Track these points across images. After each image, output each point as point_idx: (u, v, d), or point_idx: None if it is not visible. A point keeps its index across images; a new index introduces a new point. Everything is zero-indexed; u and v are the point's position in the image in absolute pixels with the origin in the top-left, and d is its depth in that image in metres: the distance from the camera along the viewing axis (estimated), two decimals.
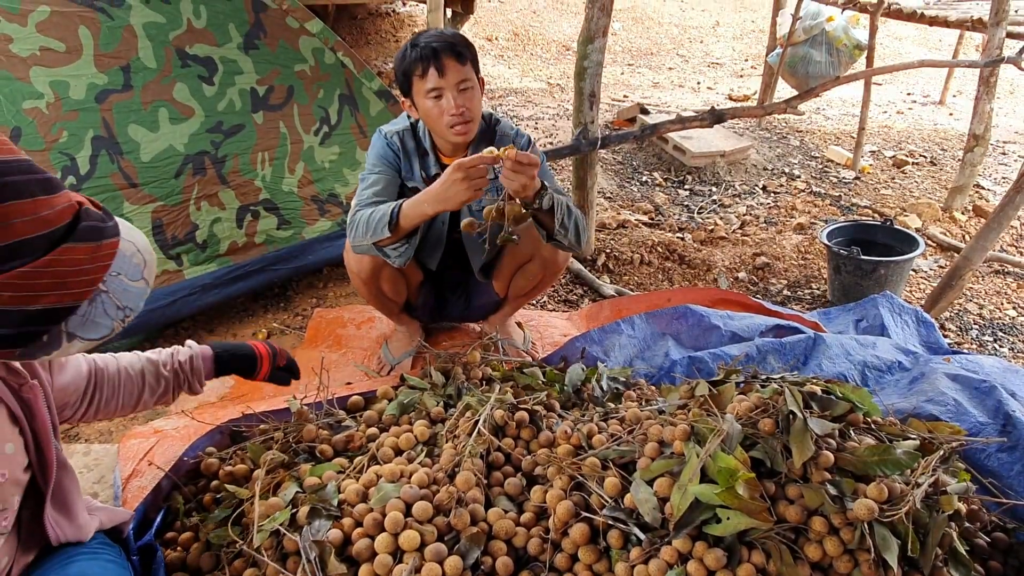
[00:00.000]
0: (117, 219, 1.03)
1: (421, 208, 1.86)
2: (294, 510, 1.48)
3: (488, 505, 1.54)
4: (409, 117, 2.18)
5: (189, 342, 1.63)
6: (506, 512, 1.52)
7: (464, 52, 1.96)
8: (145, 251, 1.06)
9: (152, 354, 1.55)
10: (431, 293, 2.46)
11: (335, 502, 1.49)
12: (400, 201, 1.92)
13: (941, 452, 1.48)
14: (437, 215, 2.04)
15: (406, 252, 1.99)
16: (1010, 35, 4.01)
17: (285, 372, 1.73)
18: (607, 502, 1.46)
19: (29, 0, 2.26)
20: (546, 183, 1.93)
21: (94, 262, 0.97)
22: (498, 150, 1.78)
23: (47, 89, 2.29)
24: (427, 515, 1.44)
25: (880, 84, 7.34)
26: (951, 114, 6.60)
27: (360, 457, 1.65)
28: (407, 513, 1.44)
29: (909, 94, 7.34)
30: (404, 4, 7.34)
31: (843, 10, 5.14)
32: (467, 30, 7.67)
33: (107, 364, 1.47)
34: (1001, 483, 1.62)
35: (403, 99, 2.07)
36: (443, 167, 2.10)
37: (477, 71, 2.03)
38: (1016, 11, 4.50)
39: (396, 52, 7.02)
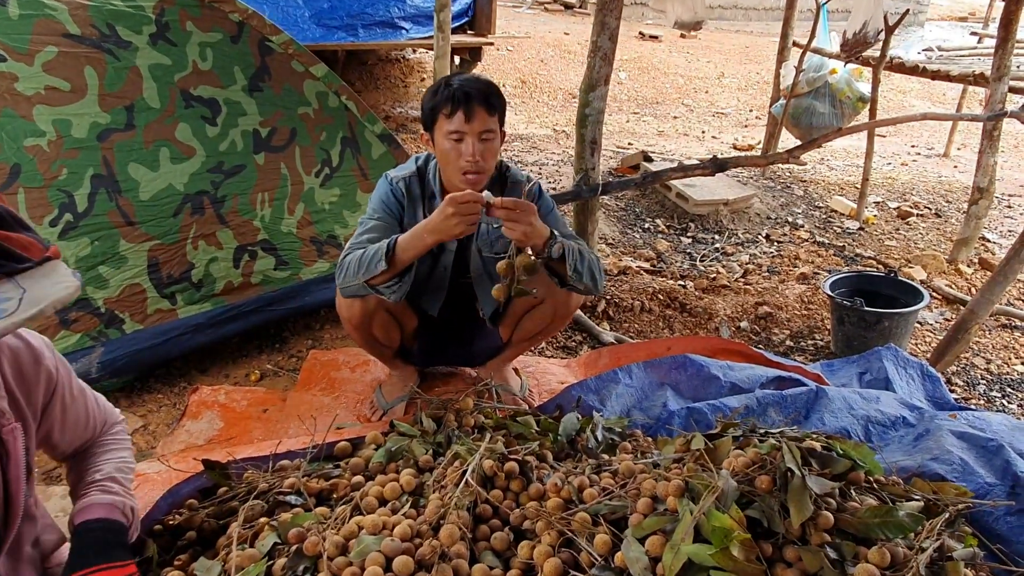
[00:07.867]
0: None
1: (420, 238, 1.86)
2: (270, 562, 1.43)
3: (473, 560, 1.48)
4: (416, 161, 2.19)
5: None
6: (491, 568, 1.46)
7: (495, 103, 1.99)
8: None
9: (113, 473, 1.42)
10: (427, 338, 2.42)
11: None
12: (395, 235, 1.92)
13: (947, 515, 1.42)
14: (439, 254, 2.16)
15: (401, 289, 1.97)
16: (1012, 90, 4.03)
17: None
18: (596, 560, 1.41)
19: (37, 41, 2.29)
20: (556, 230, 1.94)
21: None
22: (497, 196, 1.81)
23: (49, 127, 2.30)
24: (408, 570, 1.38)
25: (884, 136, 7.38)
26: (955, 167, 6.61)
27: (343, 507, 1.60)
28: (387, 568, 1.38)
29: (913, 146, 7.37)
30: (413, 51, 7.47)
31: (846, 63, 5.19)
32: None
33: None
34: (1010, 549, 1.55)
35: (423, 133, 2.09)
36: None
37: (502, 123, 2.05)
38: (1018, 67, 4.53)
39: (404, 96, 7.13)
